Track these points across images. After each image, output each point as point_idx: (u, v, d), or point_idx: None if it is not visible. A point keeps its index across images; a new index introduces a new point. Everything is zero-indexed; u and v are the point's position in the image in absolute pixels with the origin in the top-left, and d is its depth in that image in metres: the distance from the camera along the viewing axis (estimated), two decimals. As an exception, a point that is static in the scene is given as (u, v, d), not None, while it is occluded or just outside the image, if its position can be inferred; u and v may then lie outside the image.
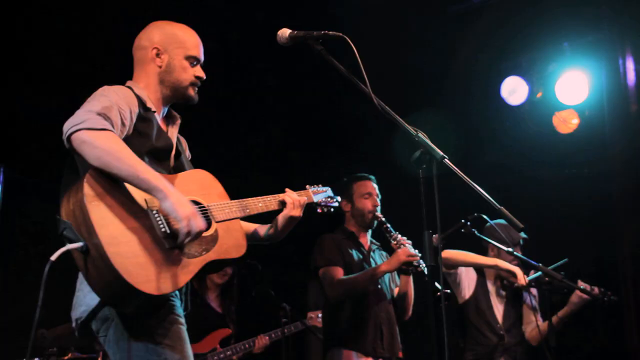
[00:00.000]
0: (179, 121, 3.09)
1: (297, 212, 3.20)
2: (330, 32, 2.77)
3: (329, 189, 3.56)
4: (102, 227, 2.50)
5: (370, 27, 5.75)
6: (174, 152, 2.98)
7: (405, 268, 4.45)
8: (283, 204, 3.20)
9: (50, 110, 5.58)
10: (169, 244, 2.63)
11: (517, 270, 5.02)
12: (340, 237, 4.78)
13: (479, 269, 5.34)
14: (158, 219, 2.64)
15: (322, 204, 3.46)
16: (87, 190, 2.54)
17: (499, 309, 5.26)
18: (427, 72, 6.46)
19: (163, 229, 2.63)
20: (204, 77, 3.02)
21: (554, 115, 6.67)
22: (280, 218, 3.22)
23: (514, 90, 6.66)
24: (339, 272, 4.59)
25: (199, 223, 2.63)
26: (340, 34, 2.73)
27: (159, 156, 2.88)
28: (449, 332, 2.45)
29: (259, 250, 3.50)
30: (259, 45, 5.32)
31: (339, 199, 3.61)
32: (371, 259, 4.78)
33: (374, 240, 4.92)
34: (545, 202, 6.44)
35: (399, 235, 4.55)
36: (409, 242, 4.49)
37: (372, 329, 4.55)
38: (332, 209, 3.53)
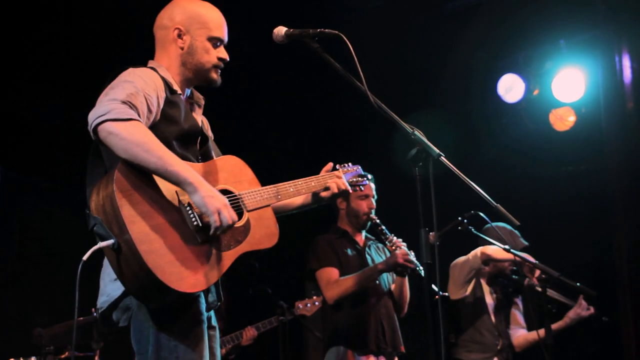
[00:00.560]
0: (202, 102, 2.99)
1: (330, 194, 3.17)
2: (326, 30, 2.75)
3: (359, 167, 3.45)
4: (133, 224, 2.43)
5: (366, 25, 5.76)
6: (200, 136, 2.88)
7: (401, 270, 4.46)
8: (323, 189, 3.17)
9: (43, 108, 5.60)
10: (200, 238, 2.57)
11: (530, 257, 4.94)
12: (334, 237, 4.77)
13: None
14: (190, 212, 2.58)
15: (353, 184, 3.35)
16: (118, 184, 2.46)
17: (491, 310, 5.26)
18: (424, 70, 6.46)
19: (195, 222, 2.56)
20: (227, 59, 2.90)
21: (550, 113, 6.68)
22: (314, 197, 3.20)
23: (510, 87, 6.67)
24: (335, 273, 4.58)
25: (229, 215, 2.57)
26: (336, 32, 2.72)
27: (187, 141, 2.77)
28: (444, 331, 2.45)
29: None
30: (255, 44, 5.32)
31: (369, 176, 3.55)
32: (367, 255, 4.77)
33: (368, 235, 4.91)
34: (542, 199, 6.45)
35: (394, 238, 4.54)
36: (404, 244, 4.49)
37: (373, 325, 4.55)
38: (362, 188, 3.47)
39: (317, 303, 5.72)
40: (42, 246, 5.92)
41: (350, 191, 3.26)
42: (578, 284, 4.97)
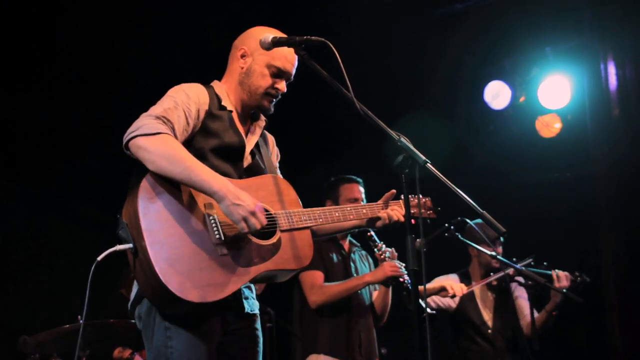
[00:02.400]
0: (264, 123, 3.06)
1: (382, 224, 3.13)
2: (313, 37, 2.76)
3: (429, 199, 3.32)
4: (150, 231, 2.51)
5: (354, 32, 5.77)
6: (247, 151, 2.92)
7: (388, 281, 4.45)
8: (372, 219, 3.12)
9: (38, 118, 5.58)
10: (221, 251, 2.61)
11: (445, 284, 4.95)
12: (321, 240, 4.76)
13: (465, 275, 5.34)
14: (213, 224, 2.62)
15: (416, 215, 3.15)
16: (142, 193, 2.57)
17: (487, 313, 5.25)
18: (411, 77, 6.47)
19: (217, 236, 2.61)
20: (284, 91, 2.97)
21: (536, 120, 6.71)
22: (368, 222, 3.15)
23: (497, 94, 6.70)
24: (319, 276, 4.58)
25: (257, 221, 2.61)
26: (323, 39, 2.72)
27: (227, 155, 2.83)
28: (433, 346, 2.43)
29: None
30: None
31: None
32: (351, 262, 4.77)
33: (353, 241, 4.90)
34: (528, 206, 6.47)
35: (384, 246, 4.53)
36: (394, 252, 4.48)
37: (350, 336, 4.54)
38: (428, 220, 3.31)
39: None
40: (28, 254, 5.88)
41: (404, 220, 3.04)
42: (564, 290, 4.98)
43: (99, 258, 2.56)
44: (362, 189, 4.78)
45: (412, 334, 2.45)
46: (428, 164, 2.57)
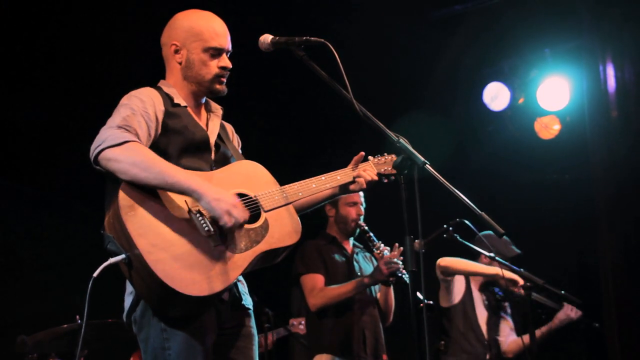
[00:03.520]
0: (220, 112, 3.03)
1: (359, 187, 3.11)
2: (312, 38, 2.76)
3: (394, 156, 3.28)
4: (140, 237, 2.50)
5: (353, 33, 5.77)
6: (212, 143, 2.90)
7: (386, 280, 4.46)
8: (347, 184, 3.11)
9: (32, 117, 5.56)
10: (214, 242, 2.61)
11: (519, 279, 4.91)
12: (323, 243, 4.77)
13: (466, 277, 5.34)
14: (200, 219, 2.61)
15: (382, 173, 3.20)
16: (122, 201, 2.54)
17: (483, 320, 5.26)
18: (410, 78, 6.48)
19: (206, 229, 2.60)
20: (229, 66, 2.91)
21: (535, 121, 6.72)
22: (342, 188, 3.13)
23: (496, 96, 6.71)
24: (320, 280, 4.58)
25: (240, 214, 2.62)
26: (322, 40, 2.72)
27: (197, 149, 2.82)
28: (431, 340, 2.45)
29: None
30: (244, 49, 5.32)
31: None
32: (354, 262, 4.77)
33: (356, 243, 4.91)
34: (527, 208, 6.47)
35: (382, 245, 4.55)
36: (390, 251, 4.49)
37: (355, 334, 4.55)
38: (392, 177, 3.24)
39: None
40: (26, 253, 5.88)
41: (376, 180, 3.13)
42: (562, 291, 4.99)
43: (94, 274, 2.55)
44: (361, 193, 4.79)
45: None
46: (427, 165, 2.57)
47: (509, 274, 4.96)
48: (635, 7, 5.77)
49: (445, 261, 5.06)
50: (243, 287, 2.92)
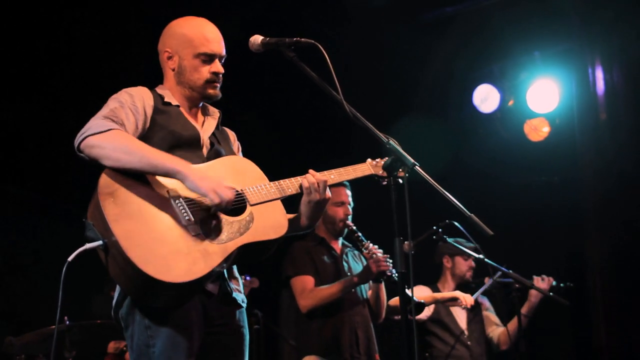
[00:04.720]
0: (217, 114, 3.04)
1: (316, 196, 2.91)
2: (303, 40, 2.76)
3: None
4: (116, 222, 2.48)
5: (344, 35, 5.78)
6: (204, 141, 2.90)
7: (377, 277, 4.45)
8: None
9: (26, 120, 5.54)
10: (194, 231, 2.59)
11: (457, 294, 4.95)
12: (311, 244, 4.76)
13: (435, 290, 5.31)
14: (180, 207, 2.61)
15: (380, 175, 3.09)
16: (101, 188, 2.54)
17: (461, 319, 5.26)
18: (400, 81, 6.49)
19: (186, 217, 2.60)
20: (221, 72, 2.92)
21: (525, 123, 6.75)
22: (302, 205, 3.00)
23: (485, 98, 6.73)
24: (310, 282, 4.58)
25: (226, 192, 2.62)
26: (313, 41, 2.72)
27: (188, 146, 2.82)
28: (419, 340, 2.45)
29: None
30: (238, 50, 5.31)
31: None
32: (344, 262, 4.77)
33: (346, 242, 4.91)
34: (516, 209, 6.49)
35: (371, 244, 4.53)
36: (380, 250, 4.48)
37: (347, 334, 4.53)
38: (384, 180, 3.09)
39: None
40: (14, 254, 5.85)
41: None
42: (551, 293, 5.00)
43: (69, 259, 2.54)
44: (349, 192, 4.79)
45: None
46: (416, 167, 2.58)
47: (443, 296, 5.01)
48: (624, 10, 5.80)
49: (394, 302, 4.87)
50: (236, 285, 2.89)
